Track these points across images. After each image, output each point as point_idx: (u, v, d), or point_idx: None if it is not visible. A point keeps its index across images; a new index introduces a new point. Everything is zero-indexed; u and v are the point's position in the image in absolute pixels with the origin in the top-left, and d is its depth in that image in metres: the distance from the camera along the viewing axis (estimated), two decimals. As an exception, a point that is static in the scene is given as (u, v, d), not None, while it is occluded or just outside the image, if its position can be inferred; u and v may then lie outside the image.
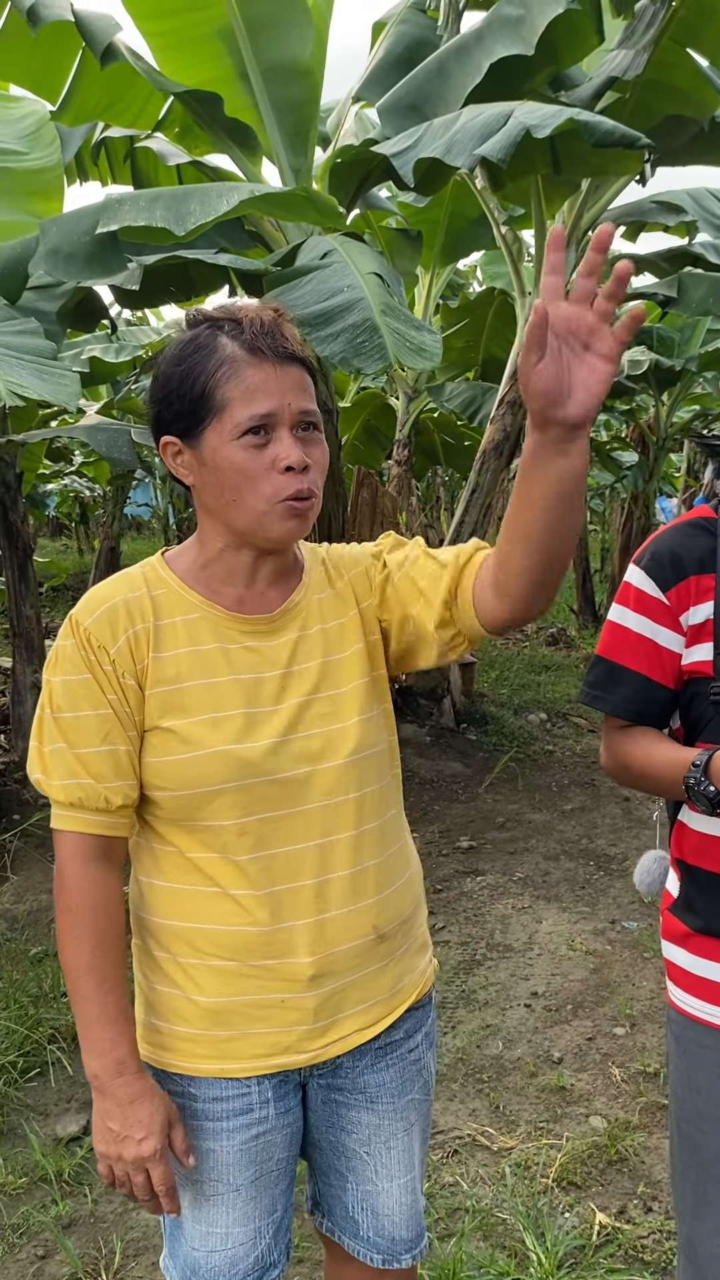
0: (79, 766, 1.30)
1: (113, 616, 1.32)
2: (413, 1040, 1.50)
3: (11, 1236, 2.42)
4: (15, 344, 3.83)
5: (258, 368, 1.28)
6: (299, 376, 1.31)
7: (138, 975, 1.45)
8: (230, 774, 1.31)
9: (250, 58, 4.86)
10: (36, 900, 4.19)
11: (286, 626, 1.39)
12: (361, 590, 1.45)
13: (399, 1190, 1.49)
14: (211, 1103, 1.38)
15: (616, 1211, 2.44)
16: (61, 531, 21.75)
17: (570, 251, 5.41)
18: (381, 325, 3.63)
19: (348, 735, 1.38)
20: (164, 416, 1.33)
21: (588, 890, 4.27)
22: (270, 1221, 1.43)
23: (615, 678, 1.54)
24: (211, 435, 1.29)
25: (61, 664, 1.32)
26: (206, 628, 1.36)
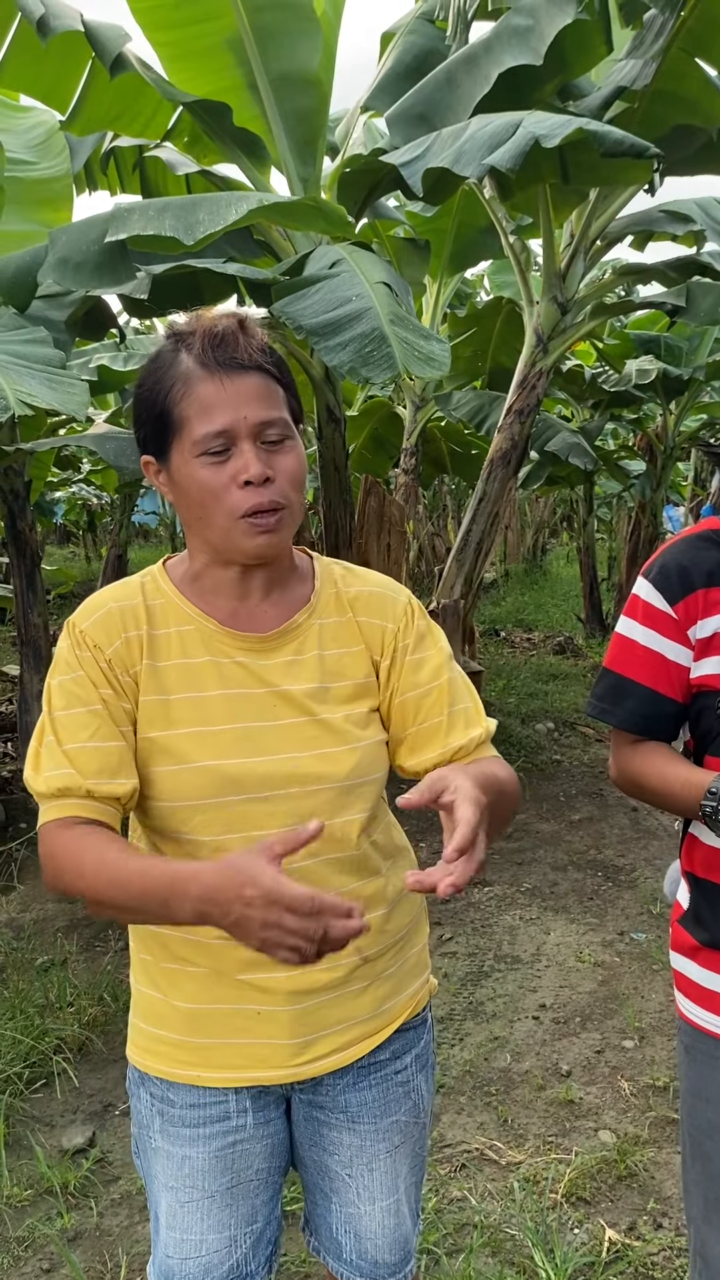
0: (64, 760, 1.27)
1: (109, 620, 1.33)
2: (400, 1061, 1.46)
3: (17, 1249, 2.41)
4: (24, 353, 3.84)
5: (209, 382, 1.25)
6: (257, 385, 1.27)
7: (131, 976, 1.46)
8: (213, 790, 1.29)
9: (259, 68, 4.88)
10: (43, 909, 4.19)
11: (282, 647, 1.36)
12: (373, 640, 1.41)
13: (381, 1213, 1.46)
14: (188, 1109, 1.38)
15: (626, 1228, 2.42)
16: (69, 539, 21.82)
17: (578, 262, 5.41)
18: (390, 335, 3.63)
19: (346, 758, 1.35)
20: (139, 437, 1.34)
21: (596, 901, 4.25)
22: (249, 1231, 1.41)
23: (622, 691, 1.54)
24: (176, 454, 1.29)
25: (59, 667, 1.32)
26: (199, 640, 1.34)
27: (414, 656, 1.41)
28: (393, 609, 1.43)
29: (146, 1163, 1.45)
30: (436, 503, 15.49)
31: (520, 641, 10.09)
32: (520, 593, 13.39)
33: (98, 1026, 3.28)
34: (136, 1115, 1.46)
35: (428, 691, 1.40)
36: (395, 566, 5.92)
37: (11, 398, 3.24)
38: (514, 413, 5.60)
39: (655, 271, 5.59)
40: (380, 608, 1.43)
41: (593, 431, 8.95)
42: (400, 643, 1.41)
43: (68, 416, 4.72)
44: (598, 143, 3.71)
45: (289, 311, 3.84)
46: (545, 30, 4.12)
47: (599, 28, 4.42)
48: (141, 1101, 1.44)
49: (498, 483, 5.68)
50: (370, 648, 1.41)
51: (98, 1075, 3.09)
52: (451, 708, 1.40)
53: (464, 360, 7.62)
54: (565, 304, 5.44)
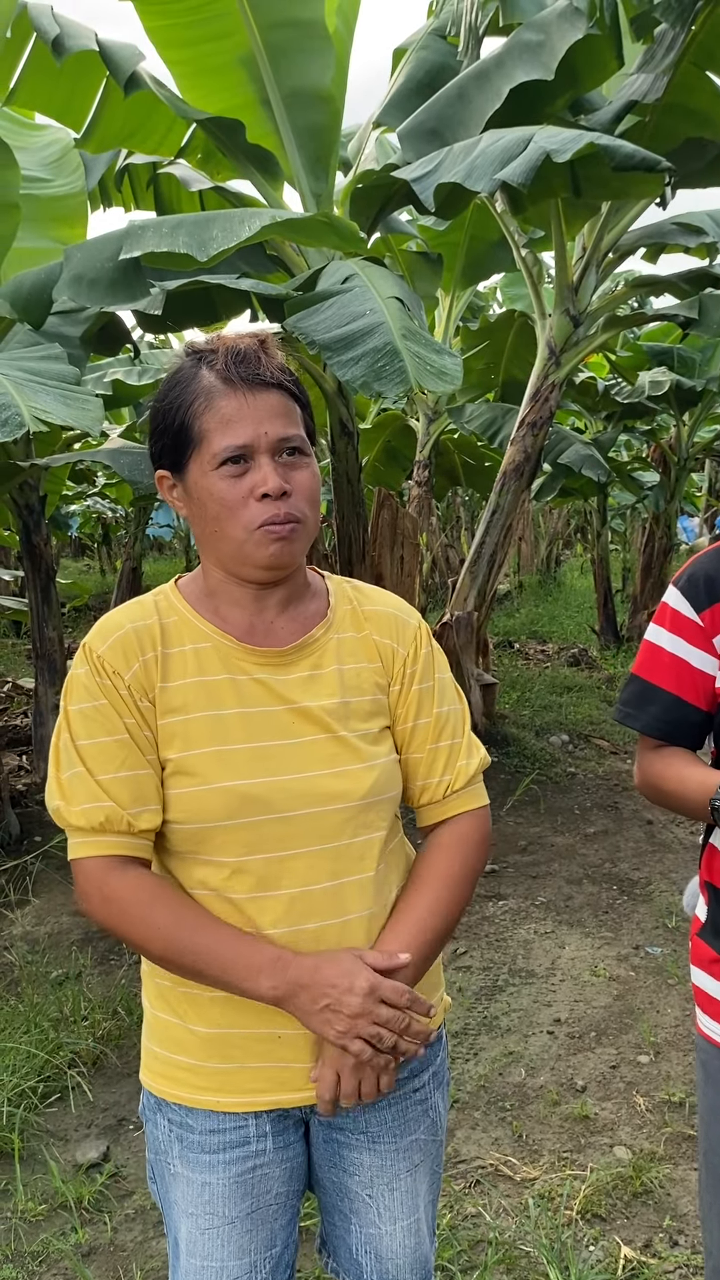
0: (100, 792, 1.28)
1: (126, 643, 1.32)
2: (417, 1080, 1.46)
3: (31, 1264, 2.41)
4: (40, 369, 3.87)
5: (231, 397, 1.28)
6: (277, 402, 1.30)
7: (144, 1001, 1.45)
8: (232, 810, 1.29)
9: (272, 84, 4.92)
10: (58, 923, 4.19)
11: (299, 662, 1.37)
12: (386, 660, 1.43)
13: (402, 1233, 1.45)
14: (208, 1134, 1.36)
15: (642, 1245, 2.40)
16: (84, 552, 21.91)
17: (591, 274, 5.42)
18: (402, 349, 3.64)
19: (364, 776, 1.35)
20: (154, 451, 1.36)
21: (611, 915, 4.23)
22: (268, 1256, 1.40)
23: (648, 697, 1.55)
24: (194, 467, 1.30)
25: (77, 692, 1.31)
26: (216, 657, 1.34)
27: (419, 686, 1.44)
28: (404, 632, 1.45)
29: (164, 1189, 1.43)
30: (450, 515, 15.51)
31: (534, 653, 10.08)
32: (534, 604, 13.37)
33: (112, 1040, 3.28)
34: (153, 1141, 1.44)
35: (421, 725, 1.44)
36: (409, 579, 5.92)
37: (27, 414, 3.27)
38: (527, 425, 5.61)
39: (668, 283, 5.60)
40: (394, 629, 1.45)
41: (606, 443, 8.96)
42: (409, 669, 1.43)
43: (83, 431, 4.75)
44: (609, 157, 3.73)
45: (302, 326, 3.86)
46: (556, 45, 4.14)
47: (610, 42, 4.44)
48: (159, 1128, 1.42)
49: (511, 495, 5.68)
50: (385, 667, 1.43)
51: (112, 1089, 3.09)
52: (436, 742, 1.44)
53: (477, 373, 7.64)
54: (578, 316, 5.45)
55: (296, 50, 4.84)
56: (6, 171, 4.99)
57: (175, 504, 1.36)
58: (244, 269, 4.79)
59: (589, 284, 5.44)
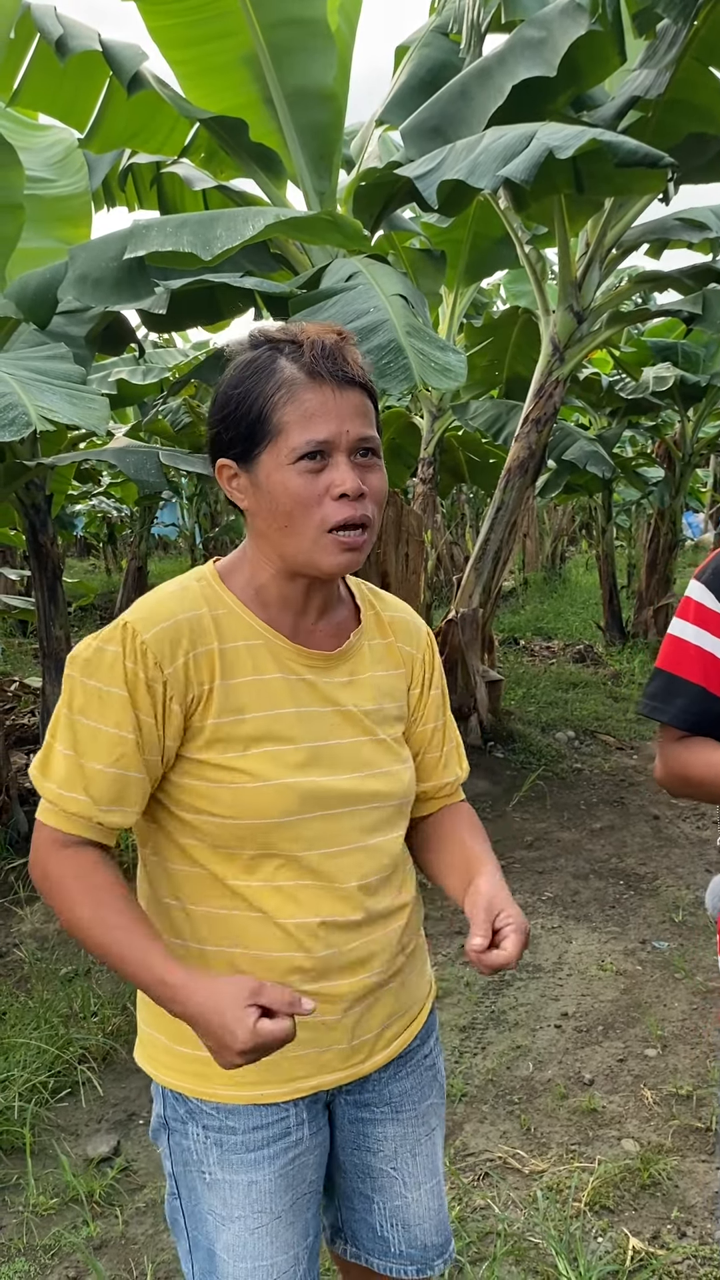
0: (80, 780, 1.24)
1: (176, 634, 1.26)
2: (426, 1045, 1.52)
3: (43, 1257, 2.43)
4: (45, 369, 3.88)
5: (317, 391, 1.24)
6: (359, 401, 1.27)
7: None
8: (289, 808, 1.29)
9: (275, 83, 4.92)
10: (66, 920, 4.21)
11: (340, 666, 1.38)
12: (408, 663, 1.48)
13: (427, 1196, 1.51)
14: (251, 1132, 1.35)
15: (650, 1237, 2.42)
16: (89, 551, 21.94)
17: (594, 270, 5.42)
18: (406, 346, 3.65)
19: (398, 780, 1.41)
20: (221, 439, 1.30)
21: (617, 910, 4.24)
22: (306, 1246, 1.41)
23: (674, 689, 1.56)
24: (267, 459, 1.25)
25: (99, 669, 1.24)
26: (269, 656, 1.32)
27: (433, 691, 1.50)
28: (418, 638, 1.51)
29: (194, 1201, 1.38)
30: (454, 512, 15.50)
31: (539, 650, 10.08)
32: (539, 601, 13.38)
33: (121, 1036, 3.29)
34: (181, 1153, 1.38)
35: (439, 727, 1.52)
36: (414, 576, 5.93)
37: (33, 413, 3.28)
38: (531, 421, 5.62)
39: (671, 279, 5.60)
40: (411, 634, 1.50)
41: (610, 439, 8.95)
42: (425, 674, 1.50)
43: (88, 431, 4.77)
44: (612, 153, 3.74)
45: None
46: (558, 42, 4.15)
47: (612, 38, 4.44)
48: (189, 1138, 1.37)
49: (515, 491, 5.69)
50: (407, 673, 1.48)
51: (122, 1084, 3.10)
52: (446, 745, 1.54)
53: (481, 370, 7.64)
54: (581, 313, 5.45)
55: (299, 49, 4.84)
56: (10, 172, 5.00)
57: (235, 494, 1.31)
58: (248, 268, 4.80)
59: (592, 280, 5.44)
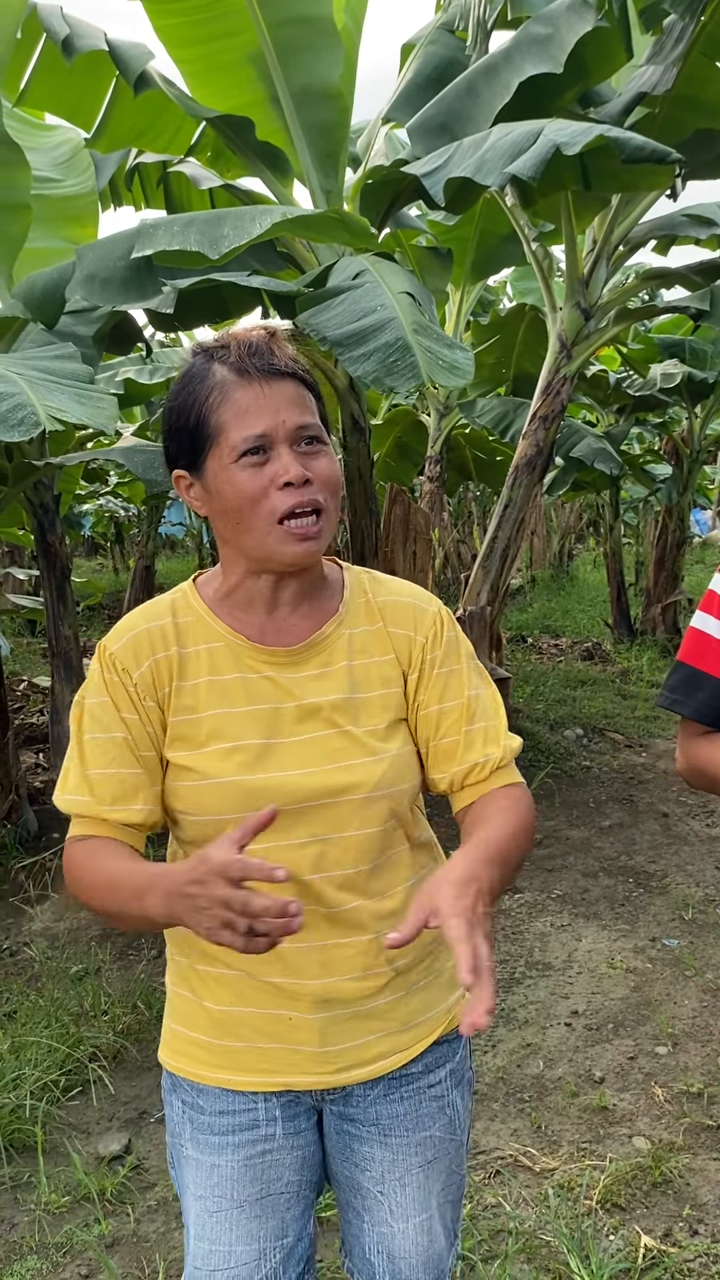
0: (84, 785, 1.33)
1: (137, 644, 1.35)
2: (433, 1075, 1.45)
3: (55, 1255, 2.44)
4: (54, 369, 3.89)
5: (247, 388, 1.27)
6: (292, 392, 1.29)
7: (167, 978, 1.47)
8: (239, 804, 1.30)
9: (281, 82, 4.92)
10: (76, 919, 4.22)
11: (309, 660, 1.36)
12: (402, 651, 1.41)
13: (414, 1231, 1.44)
14: (218, 1115, 1.38)
15: (662, 1234, 2.41)
16: (97, 551, 21.98)
17: (601, 267, 5.41)
18: (414, 344, 3.65)
19: (370, 771, 1.34)
20: (170, 451, 1.35)
21: (627, 908, 4.23)
22: (279, 1245, 1.39)
23: (695, 683, 1.55)
24: (212, 462, 1.29)
25: (89, 686, 1.36)
26: (228, 657, 1.35)
27: (441, 670, 1.40)
28: (421, 620, 1.42)
29: (179, 1173, 1.46)
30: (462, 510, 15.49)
31: (548, 648, 10.07)
32: (547, 599, 13.36)
33: (132, 1034, 3.30)
34: (170, 1124, 1.47)
35: (450, 708, 1.40)
36: (421, 574, 5.92)
37: (42, 413, 3.28)
38: (539, 419, 5.60)
39: (679, 276, 5.58)
40: (410, 618, 1.42)
41: (618, 436, 8.94)
42: (429, 655, 1.40)
43: (96, 430, 4.77)
44: (619, 149, 3.72)
45: (313, 323, 3.87)
46: (565, 38, 4.13)
47: (619, 34, 4.43)
48: (173, 1109, 1.45)
49: (523, 489, 5.68)
50: (400, 658, 1.41)
51: (133, 1083, 3.11)
52: (470, 725, 1.40)
53: (488, 367, 7.63)
54: (589, 309, 5.44)
55: (305, 47, 4.84)
56: (17, 172, 5.01)
57: (194, 503, 1.35)
58: (255, 266, 4.80)
59: (599, 277, 5.42)
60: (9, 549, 13.27)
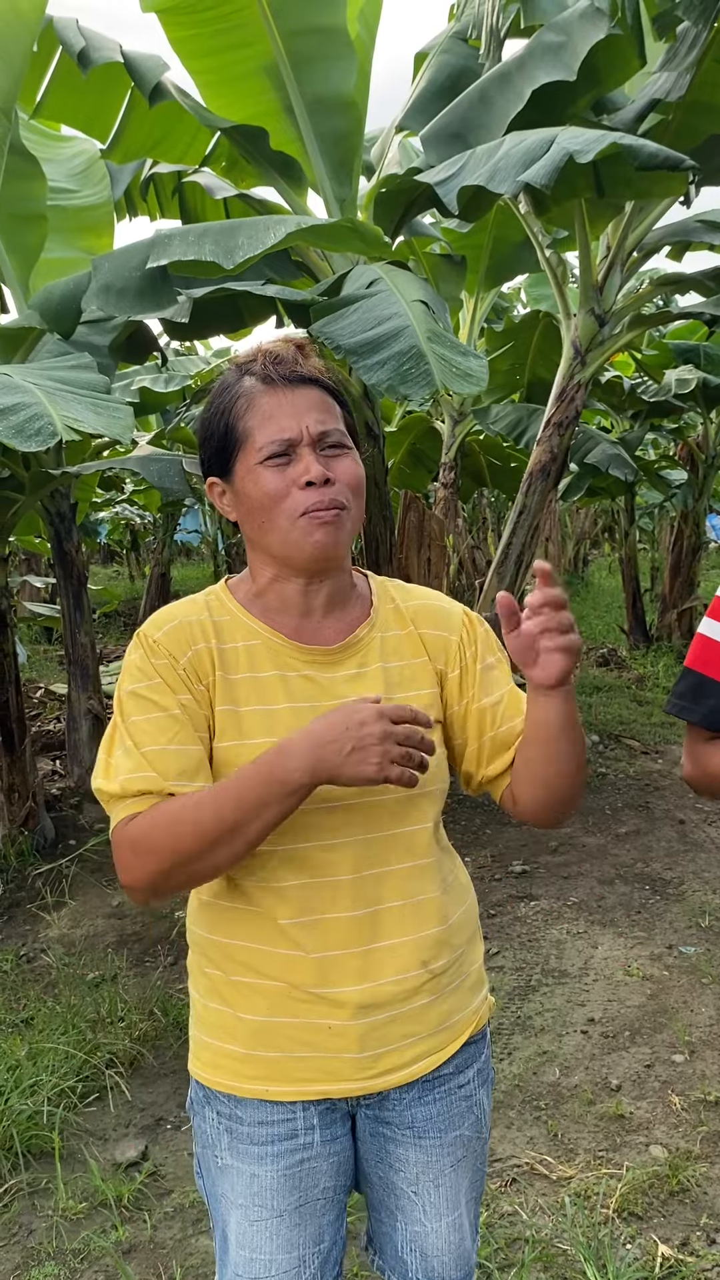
0: (144, 763, 1.30)
1: (180, 632, 1.37)
2: (463, 1075, 1.47)
3: (73, 1261, 2.44)
4: (70, 379, 3.91)
5: (273, 395, 1.34)
6: (316, 397, 1.36)
7: (193, 992, 1.47)
8: None
9: (295, 92, 4.95)
10: (93, 925, 4.24)
11: (345, 661, 1.40)
12: (437, 652, 1.46)
13: (447, 1229, 1.47)
14: (256, 1126, 1.39)
15: (679, 1243, 2.40)
16: (113, 558, 22.06)
17: (615, 274, 5.41)
18: (428, 352, 3.66)
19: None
20: (204, 459, 1.42)
21: (643, 915, 4.22)
22: (316, 1252, 1.41)
23: (704, 689, 1.55)
24: (241, 466, 1.35)
25: (131, 675, 1.36)
26: (266, 654, 1.38)
27: (485, 663, 1.46)
28: (450, 620, 1.49)
29: (212, 1183, 1.45)
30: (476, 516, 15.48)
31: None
32: (562, 605, 13.31)
33: (148, 1041, 3.31)
34: (201, 1135, 1.46)
35: (501, 697, 1.45)
36: (436, 581, 5.93)
37: (58, 423, 3.31)
38: (553, 425, 5.61)
39: (693, 281, 5.58)
40: (438, 619, 1.48)
41: (633, 442, 8.92)
42: (467, 651, 1.46)
43: (112, 439, 4.80)
44: (632, 157, 3.73)
45: (327, 331, 3.89)
46: (578, 46, 4.14)
47: (632, 42, 4.44)
48: (207, 1121, 1.44)
49: (538, 495, 5.68)
50: (434, 659, 1.46)
51: (149, 1089, 3.12)
52: (521, 715, 1.44)
53: (502, 374, 7.64)
54: (603, 316, 5.44)
55: (319, 57, 4.87)
56: (34, 183, 5.06)
57: (226, 510, 1.41)
58: (269, 275, 4.82)
59: (614, 283, 5.43)
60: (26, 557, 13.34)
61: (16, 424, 3.29)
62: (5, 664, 4.94)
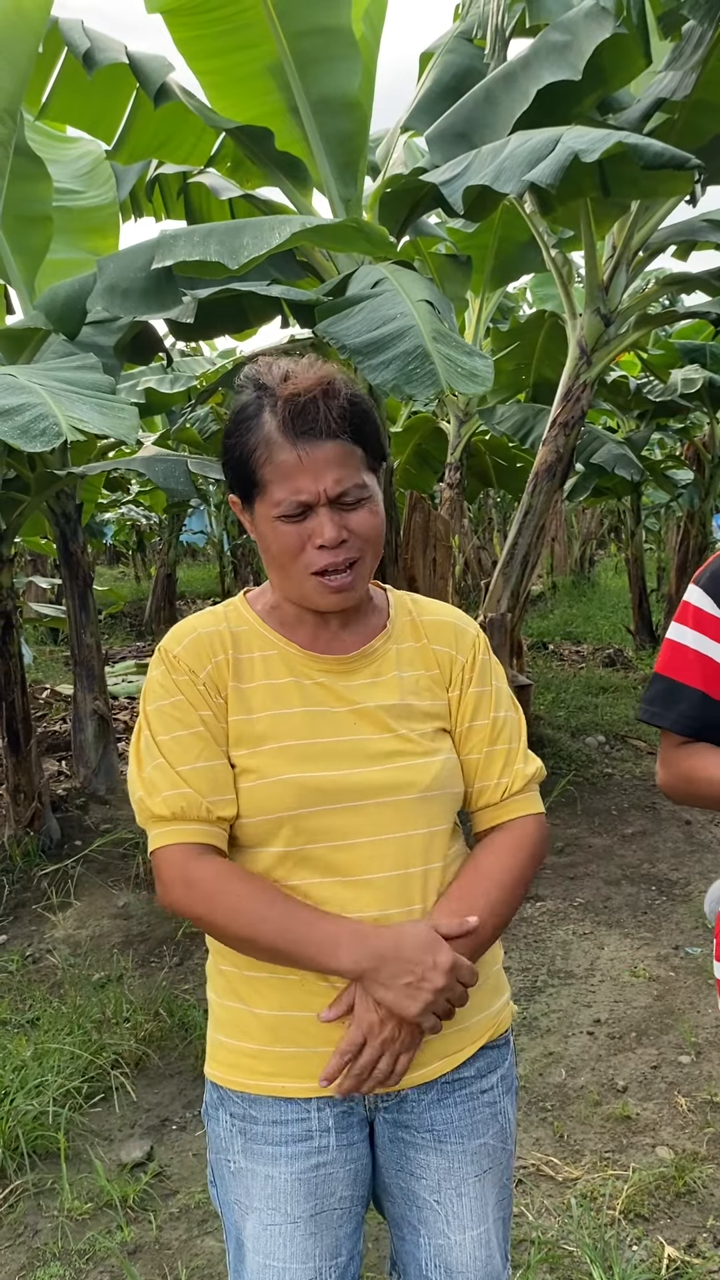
0: (180, 781, 1.34)
1: (199, 645, 1.40)
2: (485, 1080, 1.46)
3: (78, 1262, 2.44)
4: (75, 379, 3.91)
5: (291, 451, 1.32)
6: (337, 453, 1.33)
7: (210, 995, 1.47)
8: (296, 801, 1.34)
9: (300, 92, 4.94)
10: (99, 926, 4.24)
11: (361, 670, 1.43)
12: (444, 667, 1.48)
13: (472, 1244, 1.42)
14: (271, 1125, 1.38)
15: (686, 1245, 2.40)
16: (119, 559, 22.07)
17: (621, 273, 5.40)
18: (433, 352, 3.65)
19: (422, 773, 1.39)
20: (228, 478, 1.43)
21: (650, 916, 4.21)
22: (333, 1265, 1.39)
23: (674, 695, 1.56)
24: (260, 509, 1.37)
25: (154, 691, 1.39)
26: (282, 663, 1.41)
27: (474, 690, 1.48)
28: (462, 640, 1.50)
29: (225, 1189, 1.44)
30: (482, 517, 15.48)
31: (569, 654, 10.04)
32: (568, 605, 13.32)
33: (154, 1042, 3.31)
34: (214, 1140, 1.45)
35: (477, 727, 1.47)
36: (441, 581, 5.92)
37: (64, 424, 3.31)
38: (559, 425, 5.60)
39: (699, 281, 5.57)
40: (452, 637, 1.50)
41: (639, 442, 8.91)
42: (466, 674, 1.48)
43: (117, 440, 4.80)
44: (638, 156, 3.72)
45: (332, 332, 3.88)
46: (583, 45, 4.13)
47: (637, 41, 4.43)
48: (220, 1124, 1.43)
49: (543, 495, 5.67)
50: (443, 674, 1.48)
51: (155, 1090, 3.12)
52: (493, 745, 1.47)
53: (507, 374, 7.62)
54: (609, 315, 5.43)
55: (324, 58, 4.86)
56: (39, 184, 5.07)
57: (247, 525, 1.43)
58: (275, 276, 4.81)
59: (619, 283, 5.42)
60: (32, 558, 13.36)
61: (22, 424, 3.29)
62: (11, 665, 4.95)
